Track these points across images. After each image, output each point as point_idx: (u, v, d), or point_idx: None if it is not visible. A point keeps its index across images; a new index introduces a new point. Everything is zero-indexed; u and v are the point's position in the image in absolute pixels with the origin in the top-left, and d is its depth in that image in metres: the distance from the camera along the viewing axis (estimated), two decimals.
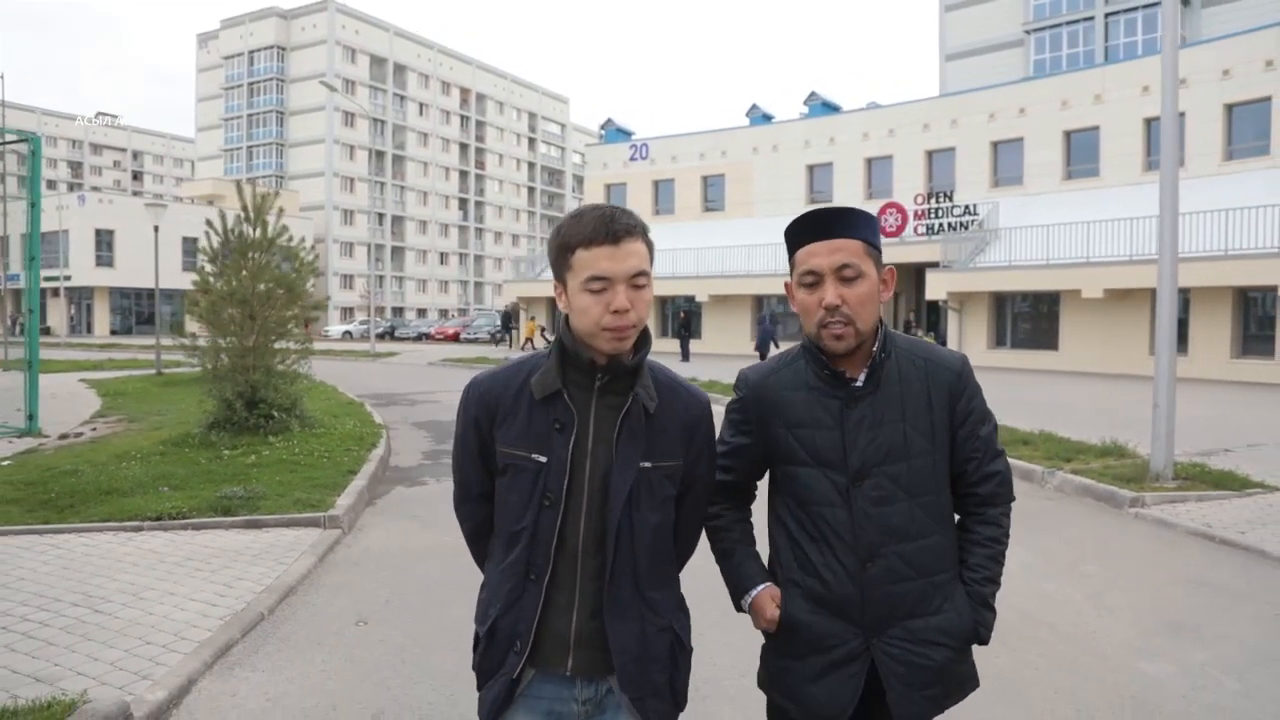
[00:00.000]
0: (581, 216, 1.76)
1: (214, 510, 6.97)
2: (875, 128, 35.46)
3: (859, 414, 1.91)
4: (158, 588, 5.27)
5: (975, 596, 1.96)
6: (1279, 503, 7.64)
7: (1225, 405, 15.78)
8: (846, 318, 1.86)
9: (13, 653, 4.21)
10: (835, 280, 1.87)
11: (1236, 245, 21.45)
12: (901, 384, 1.93)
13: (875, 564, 1.89)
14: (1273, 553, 6.22)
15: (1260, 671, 4.21)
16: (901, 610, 1.90)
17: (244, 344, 10.49)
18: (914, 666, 1.89)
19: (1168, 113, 8.76)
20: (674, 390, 1.88)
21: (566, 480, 1.76)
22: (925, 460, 1.92)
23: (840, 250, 1.87)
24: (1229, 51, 26.54)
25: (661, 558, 1.88)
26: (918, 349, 1.99)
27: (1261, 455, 9.99)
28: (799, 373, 1.98)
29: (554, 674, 1.80)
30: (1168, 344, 8.69)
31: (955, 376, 1.96)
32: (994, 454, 1.99)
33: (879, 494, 1.89)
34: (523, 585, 1.79)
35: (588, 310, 1.73)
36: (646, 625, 1.81)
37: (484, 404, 1.86)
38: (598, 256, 1.72)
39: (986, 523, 1.99)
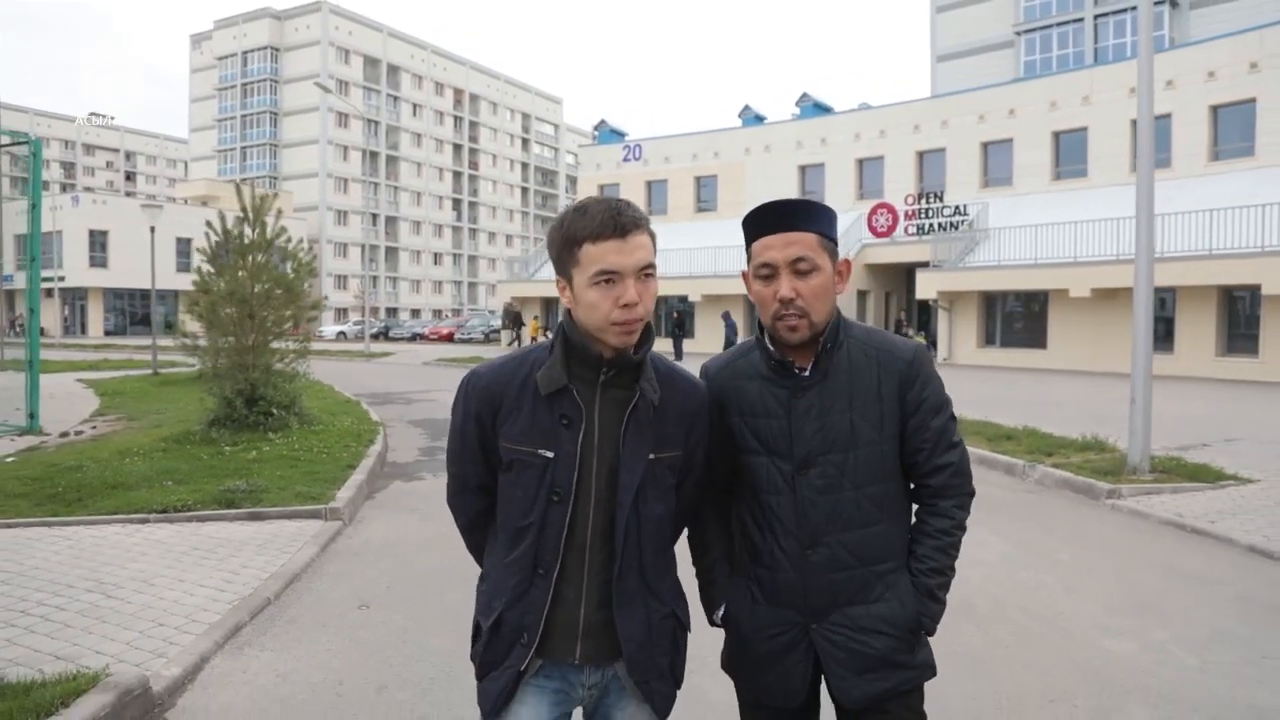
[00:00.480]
0: (587, 210, 1.76)
1: (218, 503, 7.18)
2: (866, 129, 35.75)
3: (806, 403, 1.93)
4: (167, 575, 5.47)
5: (920, 587, 1.96)
6: (1249, 494, 7.89)
7: (1208, 402, 16.07)
8: (801, 310, 1.88)
9: (33, 634, 4.41)
10: (790, 273, 1.88)
11: (1221, 245, 21.77)
12: (851, 373, 1.94)
13: (817, 551, 1.91)
14: (1239, 541, 6.47)
15: (1217, 648, 4.45)
16: (842, 598, 1.92)
17: (243, 343, 10.68)
18: (854, 653, 1.91)
19: (1144, 118, 9.00)
20: (674, 382, 1.90)
21: (575, 475, 1.78)
22: (872, 450, 1.93)
23: (795, 243, 1.88)
24: (1214, 54, 26.89)
25: (665, 547, 1.91)
26: (873, 339, 2.00)
27: (1237, 450, 10.25)
28: (753, 363, 2.01)
29: (562, 662, 1.83)
30: (1144, 342, 8.91)
31: (906, 365, 1.96)
32: (947, 445, 1.98)
33: (823, 482, 1.91)
34: (530, 580, 1.81)
35: (597, 305, 1.73)
36: (651, 613, 1.85)
37: (486, 398, 1.85)
38: (606, 250, 1.71)
39: (937, 514, 2.00)
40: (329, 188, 78.19)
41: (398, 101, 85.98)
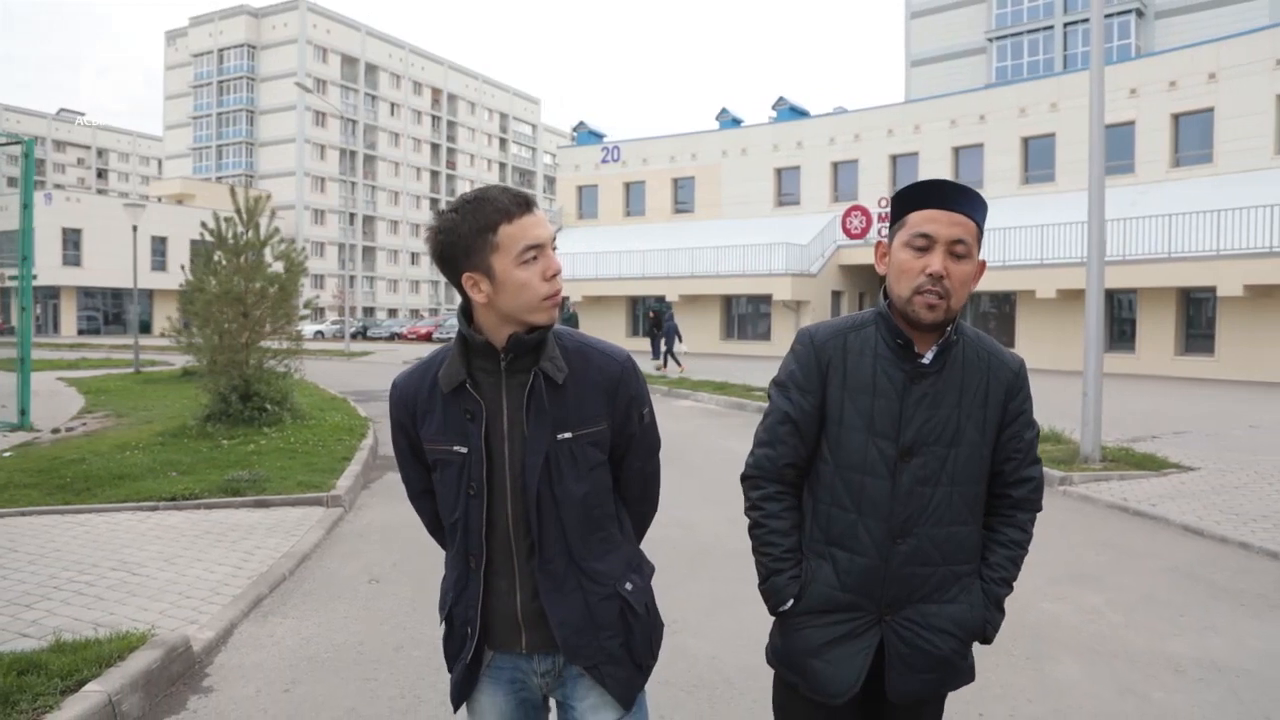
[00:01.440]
0: (485, 196, 1.75)
1: (223, 492, 7.57)
2: (841, 132, 36.39)
3: (921, 390, 1.90)
4: (185, 555, 5.88)
5: (990, 595, 1.96)
6: (1189, 480, 8.49)
7: (1164, 399, 16.76)
8: (945, 290, 1.85)
9: (70, 605, 4.81)
10: (946, 252, 1.86)
11: (1179, 248, 22.53)
12: (964, 371, 1.93)
13: (905, 542, 1.89)
14: (1175, 520, 7.05)
15: (1142, 609, 4.99)
16: (919, 593, 1.91)
17: (237, 340, 11.05)
18: (919, 651, 1.90)
19: (1095, 128, 9.58)
20: (586, 355, 1.86)
21: (486, 468, 1.78)
22: (973, 451, 1.92)
23: (960, 224, 1.86)
24: (1175, 64, 27.74)
25: (598, 526, 1.87)
26: (983, 342, 2.01)
27: (1184, 441, 10.87)
28: (867, 338, 1.96)
29: (511, 652, 1.86)
30: (1095, 341, 9.50)
31: (1014, 376, 1.97)
32: (1033, 459, 2.00)
33: (924, 473, 1.89)
34: (466, 574, 1.84)
35: (529, 283, 1.73)
36: (588, 596, 1.83)
37: (403, 404, 1.89)
38: (525, 226, 1.72)
39: (1013, 526, 2.00)
40: (306, 186, 78.05)
41: (375, 100, 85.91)
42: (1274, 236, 20.72)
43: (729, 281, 33.22)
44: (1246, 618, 4.92)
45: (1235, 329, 22.10)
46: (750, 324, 34.98)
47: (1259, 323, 21.56)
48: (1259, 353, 21.44)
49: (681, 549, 6.18)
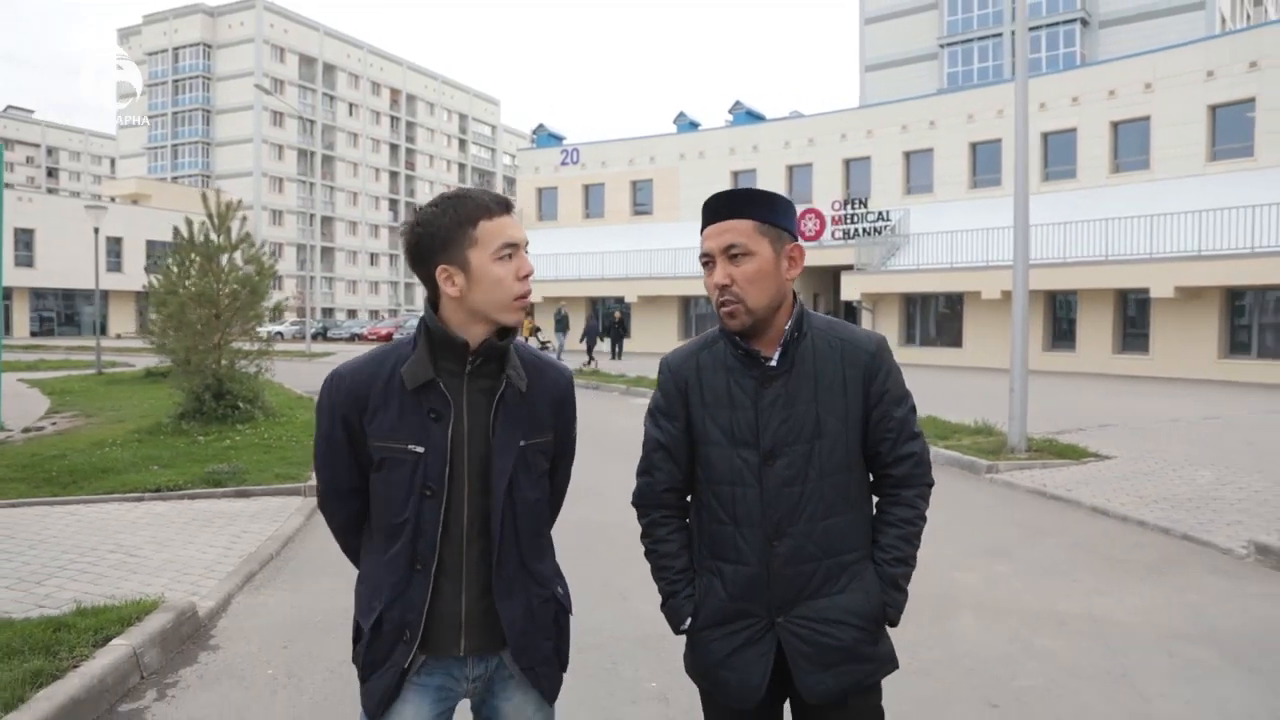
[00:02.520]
0: (467, 194, 1.80)
1: (205, 483, 8.02)
2: (796, 136, 37.23)
3: (773, 393, 1.92)
4: (177, 539, 6.34)
5: (885, 577, 1.96)
6: (1104, 468, 9.25)
7: (1098, 395, 17.68)
8: (735, 296, 1.88)
9: (77, 582, 5.27)
10: (724, 260, 1.90)
11: (1116, 251, 23.58)
12: (816, 363, 1.94)
13: (783, 543, 1.90)
14: (1085, 503, 7.78)
15: (1043, 577, 5.67)
16: (807, 590, 1.92)
17: (210, 341, 11.44)
18: (821, 646, 1.90)
19: (1019, 136, 10.35)
20: (540, 368, 1.92)
21: (447, 469, 1.78)
22: (837, 440, 1.93)
23: (728, 231, 1.90)
24: (1114, 74, 28.91)
25: (541, 530, 1.93)
26: (835, 329, 2.02)
27: (1107, 433, 11.68)
28: (718, 354, 1.99)
29: (446, 656, 1.84)
30: (1020, 340, 10.24)
31: (870, 357, 1.97)
32: (909, 435, 2.00)
33: (790, 473, 1.91)
34: (409, 577, 1.80)
35: (502, 280, 1.77)
36: (532, 598, 1.86)
37: (353, 396, 1.83)
38: (504, 224, 1.77)
39: (900, 504, 2.00)
40: (263, 187, 77.48)
41: (334, 101, 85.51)
42: (1202, 240, 21.81)
43: (687, 283, 33.87)
44: (1131, 582, 5.62)
45: (1168, 328, 23.18)
46: (708, 324, 35.52)
47: (1189, 322, 22.66)
48: (1189, 351, 22.53)
49: (634, 531, 6.76)
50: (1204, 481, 8.45)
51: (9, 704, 3.28)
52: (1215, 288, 22.07)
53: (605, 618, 4.79)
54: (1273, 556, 5.93)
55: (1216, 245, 21.57)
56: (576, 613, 2.05)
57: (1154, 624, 4.80)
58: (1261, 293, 22.13)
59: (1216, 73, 26.00)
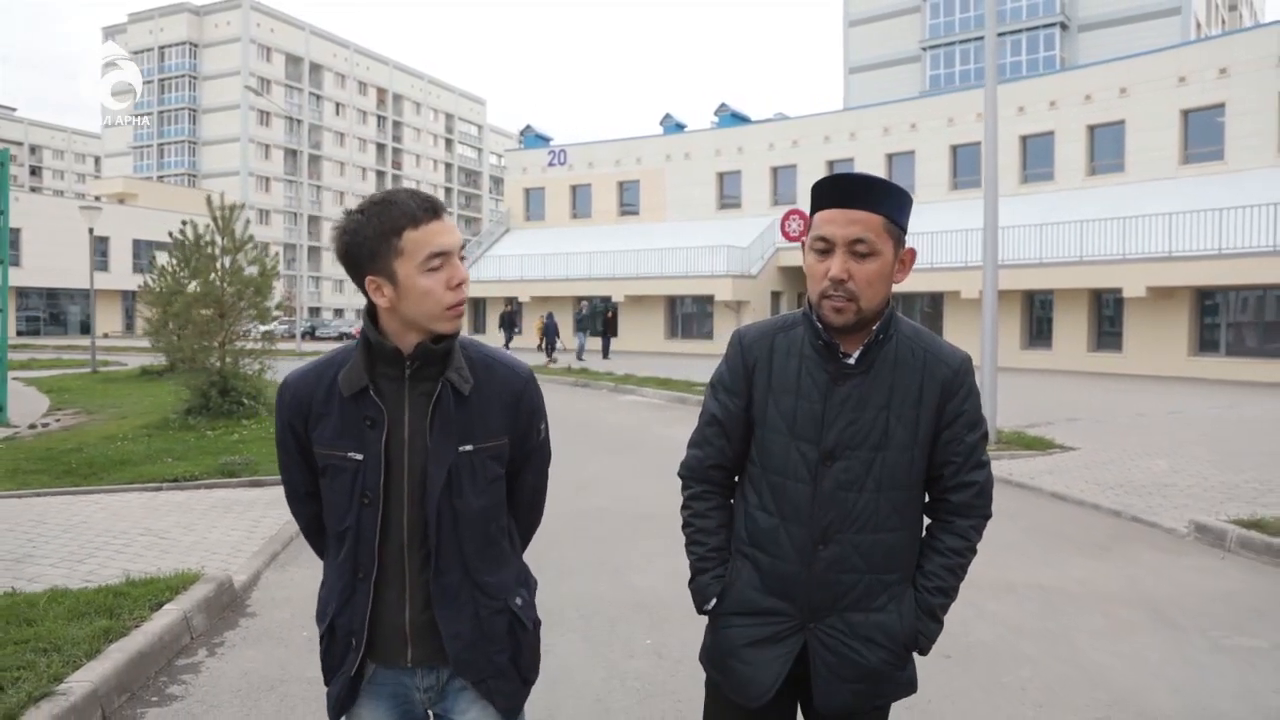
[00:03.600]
0: (392, 200, 1.70)
1: (220, 474, 8.47)
2: (780, 138, 37.83)
3: (845, 392, 1.84)
4: (200, 524, 6.81)
5: (922, 605, 1.89)
6: (1068, 458, 9.83)
7: (1072, 391, 18.32)
8: (850, 293, 1.78)
9: (116, 560, 5.72)
10: (846, 253, 1.79)
11: (1091, 252, 24.27)
12: (896, 371, 1.86)
13: (828, 547, 1.84)
14: (1046, 489, 8.35)
15: (1000, 553, 6.20)
16: (844, 601, 1.85)
17: (215, 340, 11.88)
18: (844, 659, 1.85)
19: (988, 140, 10.90)
20: (491, 367, 1.84)
21: (383, 477, 1.74)
22: (903, 454, 1.85)
23: (857, 223, 1.78)
24: (1090, 79, 29.62)
25: (493, 540, 1.85)
26: (921, 338, 1.93)
27: (1074, 426, 12.28)
28: (794, 339, 1.91)
29: (394, 665, 1.82)
30: (990, 337, 10.77)
31: (952, 374, 1.89)
32: (976, 463, 1.91)
33: (847, 477, 1.83)
34: (353, 584, 1.78)
35: (431, 291, 1.68)
36: (480, 609, 1.80)
37: (296, 404, 1.81)
38: (431, 233, 1.68)
39: (952, 533, 1.92)
40: (250, 186, 77.53)
41: (320, 100, 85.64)
42: (1172, 242, 22.51)
43: (673, 282, 34.42)
44: (1078, 557, 6.18)
45: (1140, 327, 23.89)
46: (694, 323, 36.24)
47: (1160, 322, 23.37)
48: (1160, 349, 23.24)
49: (628, 515, 7.28)
50: (1158, 470, 9.04)
51: (89, 654, 3.76)
52: (1185, 288, 22.80)
53: (604, 589, 5.29)
54: (1209, 534, 6.51)
55: (1187, 247, 22.29)
56: (577, 585, 1.94)
57: (1094, 591, 5.35)
58: (1229, 293, 22.86)
59: (1188, 79, 26.73)
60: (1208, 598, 5.28)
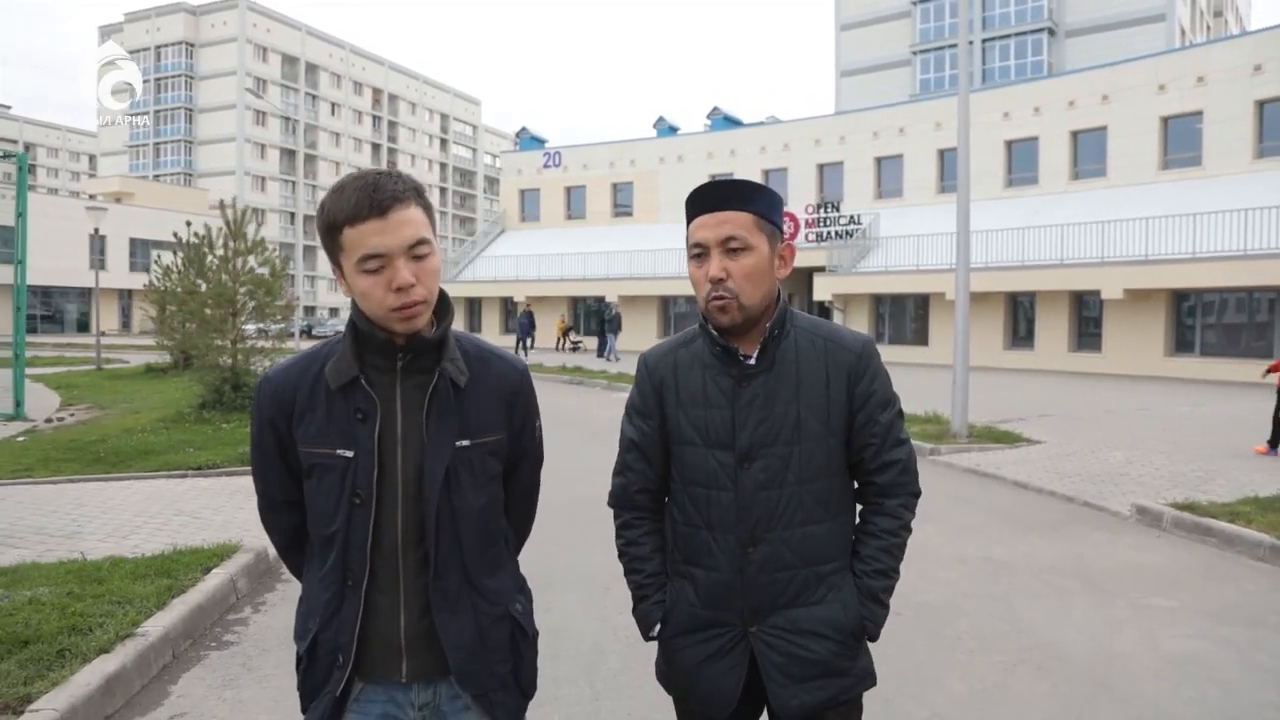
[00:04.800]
0: (343, 189, 1.58)
1: (241, 462, 9.05)
2: (772, 142, 38.50)
3: (751, 392, 1.85)
4: (229, 506, 7.40)
5: (864, 590, 1.88)
6: (1034, 451, 10.49)
7: (1049, 389, 19.00)
8: (730, 291, 1.81)
9: (157, 536, 6.32)
10: (721, 253, 1.82)
11: (1071, 255, 24.97)
12: (798, 363, 1.87)
13: (758, 549, 1.84)
14: (1009, 478, 9.00)
15: (958, 534, 6.86)
16: (783, 599, 1.85)
17: (227, 337, 12.48)
18: (794, 658, 1.84)
19: (961, 147, 11.52)
20: (486, 360, 1.76)
21: (376, 473, 1.63)
22: (818, 444, 1.85)
23: (727, 223, 1.82)
24: (1073, 86, 30.33)
25: (491, 541, 1.76)
26: (820, 328, 1.94)
27: (1044, 422, 12.94)
28: (696, 351, 1.92)
29: (388, 682, 1.68)
30: (962, 337, 11.41)
31: (855, 358, 1.90)
32: (895, 441, 1.91)
33: (766, 476, 1.83)
34: (341, 593, 1.66)
35: (369, 293, 1.57)
36: (480, 616, 1.70)
37: (278, 401, 1.70)
38: (365, 233, 1.55)
39: (883, 514, 1.91)
40: (246, 186, 78.00)
41: (316, 100, 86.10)
42: (1149, 246, 23.22)
43: (666, 283, 35.05)
44: (1028, 536, 6.82)
45: (1118, 328, 24.60)
46: (687, 323, 36.60)
47: (1138, 323, 24.08)
48: (1138, 349, 23.95)
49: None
50: (1115, 461, 9.70)
51: (158, 605, 4.37)
52: (1162, 290, 23.51)
53: (597, 560, 5.89)
54: (1148, 516, 7.17)
55: (1163, 250, 23.00)
56: (574, 558, 1.85)
57: (1038, 564, 6.00)
58: (1204, 295, 23.59)
59: (1168, 86, 27.45)
60: (1137, 569, 5.93)
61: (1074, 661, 4.25)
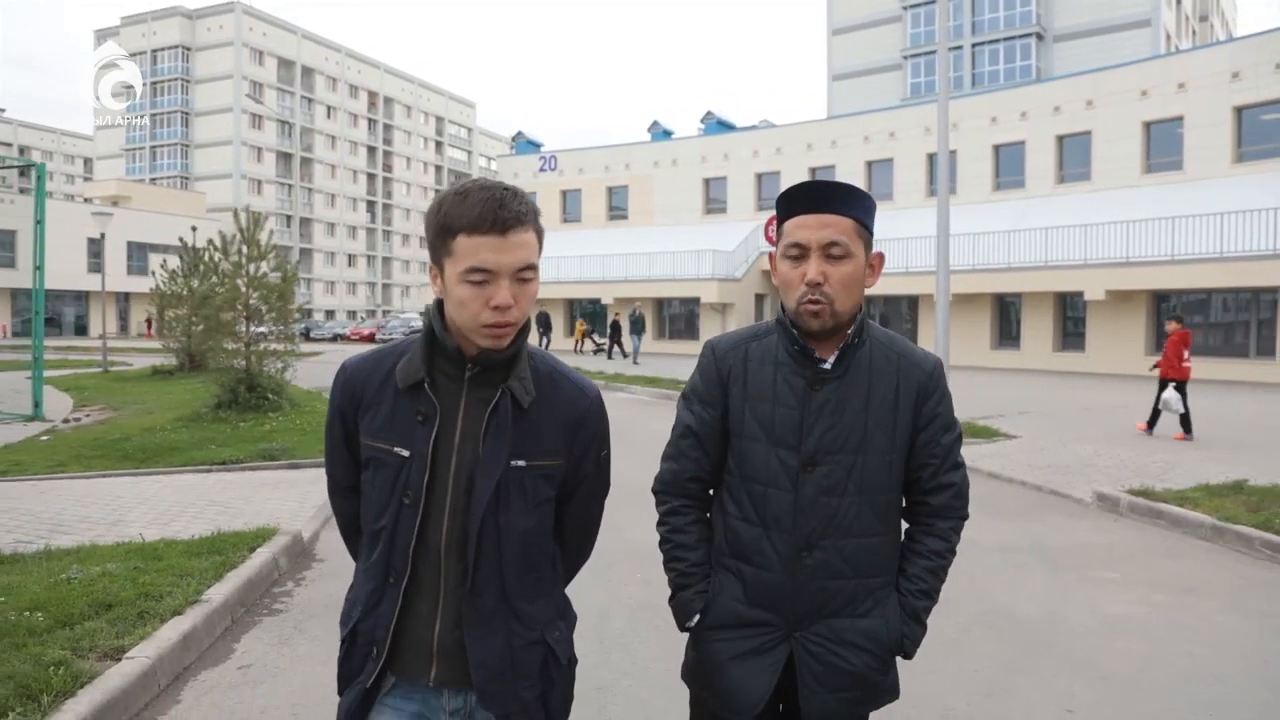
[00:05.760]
0: (468, 196, 1.58)
1: (262, 458, 9.62)
2: (764, 146, 39.13)
3: (823, 397, 1.84)
4: (256, 497, 7.96)
5: (907, 608, 1.90)
6: (1010, 445, 11.11)
7: (1033, 388, 19.66)
8: (827, 296, 1.80)
9: (196, 522, 6.87)
10: (821, 257, 1.81)
11: (1056, 258, 25.65)
12: (871, 374, 1.87)
13: (812, 555, 1.84)
14: (984, 470, 9.60)
15: None
16: (830, 608, 1.85)
17: (242, 342, 13.03)
18: (831, 667, 1.85)
19: (942, 152, 12.14)
20: (556, 382, 1.75)
21: (427, 477, 1.64)
22: (882, 458, 1.86)
23: (830, 226, 1.81)
24: (1058, 91, 31.02)
25: (535, 565, 1.74)
26: (894, 343, 1.95)
27: (1023, 419, 13.56)
28: (768, 347, 1.92)
29: (416, 681, 1.70)
30: (943, 336, 12.01)
31: (926, 377, 1.91)
32: (953, 464, 1.94)
33: (829, 483, 1.83)
34: (382, 588, 1.69)
35: (466, 304, 1.58)
36: (513, 639, 1.69)
37: (349, 390, 1.75)
38: (481, 246, 1.55)
39: (933, 535, 1.93)
40: (243, 189, 78.43)
41: (312, 103, 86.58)
42: (1130, 248, 23.91)
43: (660, 285, 35.68)
44: (995, 520, 7.42)
45: (1101, 328, 25.28)
46: (681, 325, 37.51)
47: (1120, 323, 24.78)
48: (1120, 349, 24.64)
49: (621, 489, 8.40)
50: (1085, 454, 10.32)
51: (215, 578, 4.95)
52: (1142, 291, 24.19)
53: (604, 541, 6.41)
54: (1108, 502, 7.79)
55: (1144, 253, 23.68)
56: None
57: (1002, 544, 6.59)
58: (1183, 296, 24.27)
59: (1150, 92, 28.14)
60: (1092, 547, 6.54)
61: (1023, 622, 4.85)
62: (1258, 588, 5.58)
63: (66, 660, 3.64)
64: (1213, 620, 4.93)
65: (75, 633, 4.00)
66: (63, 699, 3.36)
